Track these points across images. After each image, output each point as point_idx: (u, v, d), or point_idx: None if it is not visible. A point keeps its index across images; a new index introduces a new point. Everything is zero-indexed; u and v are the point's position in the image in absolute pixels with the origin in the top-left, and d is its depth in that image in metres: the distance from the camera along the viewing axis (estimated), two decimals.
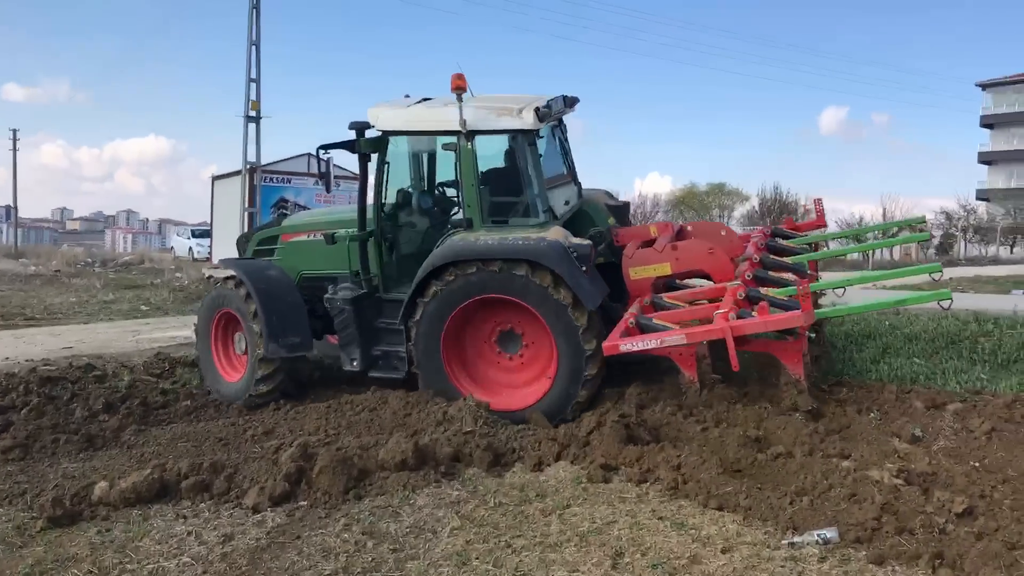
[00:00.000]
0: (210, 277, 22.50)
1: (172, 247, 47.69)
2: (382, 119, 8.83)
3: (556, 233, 8.22)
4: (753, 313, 7.45)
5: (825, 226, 10.78)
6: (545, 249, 8.02)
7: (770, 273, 8.66)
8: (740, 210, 69.36)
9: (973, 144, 76.40)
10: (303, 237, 9.88)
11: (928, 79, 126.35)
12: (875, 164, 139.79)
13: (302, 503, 6.14)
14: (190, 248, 42.18)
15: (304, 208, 27.40)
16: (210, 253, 31.03)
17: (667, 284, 8.90)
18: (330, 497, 6.20)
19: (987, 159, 79.30)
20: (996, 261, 38.43)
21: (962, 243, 47.90)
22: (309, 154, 27.07)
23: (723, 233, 9.77)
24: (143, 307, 19.85)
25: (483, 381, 8.63)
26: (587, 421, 7.32)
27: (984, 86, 79.93)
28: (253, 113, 21.36)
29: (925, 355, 9.84)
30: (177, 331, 14.88)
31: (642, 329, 7.77)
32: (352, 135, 8.84)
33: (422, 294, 8.42)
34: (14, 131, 60.49)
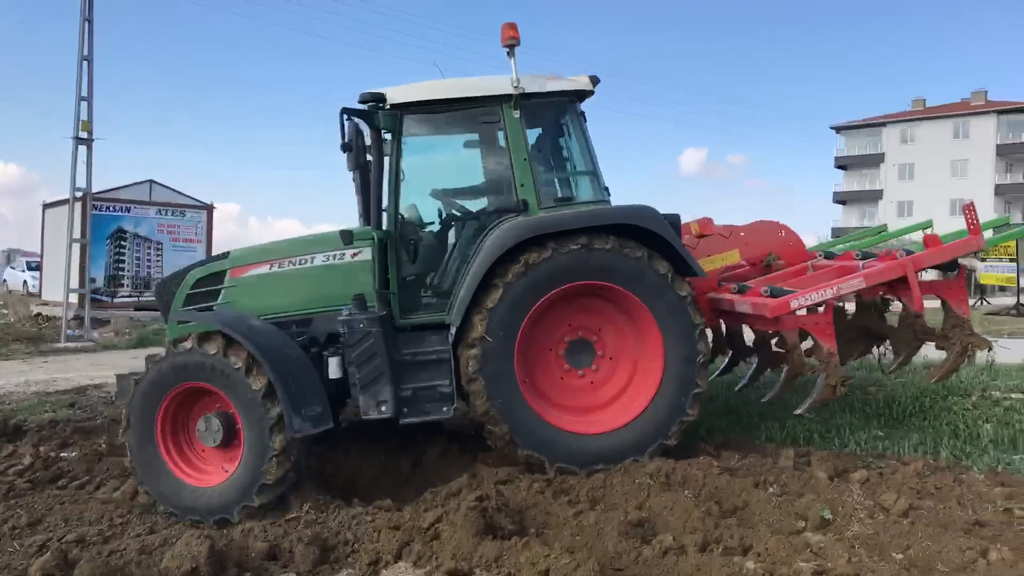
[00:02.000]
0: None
1: (4, 280, 43.81)
2: (398, 93, 7.11)
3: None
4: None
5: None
6: (644, 213, 7.00)
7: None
8: None
9: (829, 184, 79.68)
10: (263, 270, 7.46)
11: (783, 121, 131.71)
12: (734, 203, 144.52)
13: None
14: (24, 281, 38.67)
15: (146, 239, 25.29)
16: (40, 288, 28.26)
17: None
18: None
19: (841, 199, 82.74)
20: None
21: None
22: (152, 181, 25.06)
23: (782, 234, 8.90)
24: None
25: (560, 405, 7.19)
26: (435, 504, 6.00)
27: (838, 129, 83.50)
28: (84, 135, 19.18)
29: (814, 409, 8.92)
30: None
31: (776, 295, 7.00)
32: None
33: (485, 294, 6.80)
34: None
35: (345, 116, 6.99)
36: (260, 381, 6.32)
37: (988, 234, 8.58)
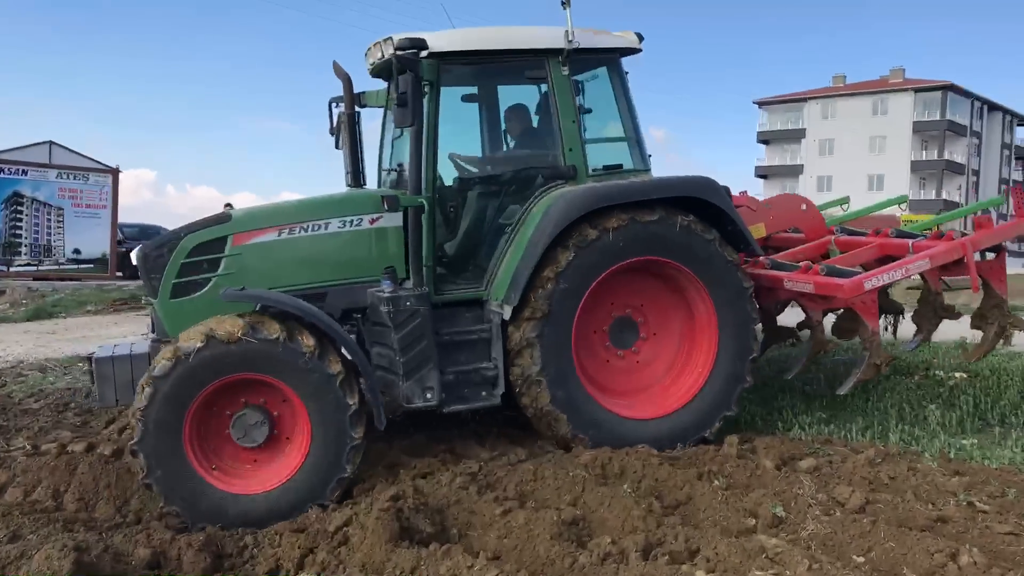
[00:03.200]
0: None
1: None
2: (438, 39, 6.36)
3: None
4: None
5: None
6: (710, 186, 6.73)
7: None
8: None
9: (751, 159, 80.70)
10: (271, 236, 6.32)
11: (705, 95, 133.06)
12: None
13: None
14: None
15: (45, 205, 23.77)
16: None
17: None
18: None
19: (763, 173, 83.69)
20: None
21: None
22: (51, 142, 23.55)
23: (804, 207, 8.99)
24: None
25: (615, 391, 6.84)
26: (345, 503, 5.33)
27: (761, 104, 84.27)
28: None
29: (752, 388, 8.43)
30: None
31: (834, 275, 6.90)
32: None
33: (541, 271, 6.26)
34: None
35: (396, 63, 6.00)
36: (336, 366, 5.57)
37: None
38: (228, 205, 19.67)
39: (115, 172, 24.81)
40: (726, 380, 6.79)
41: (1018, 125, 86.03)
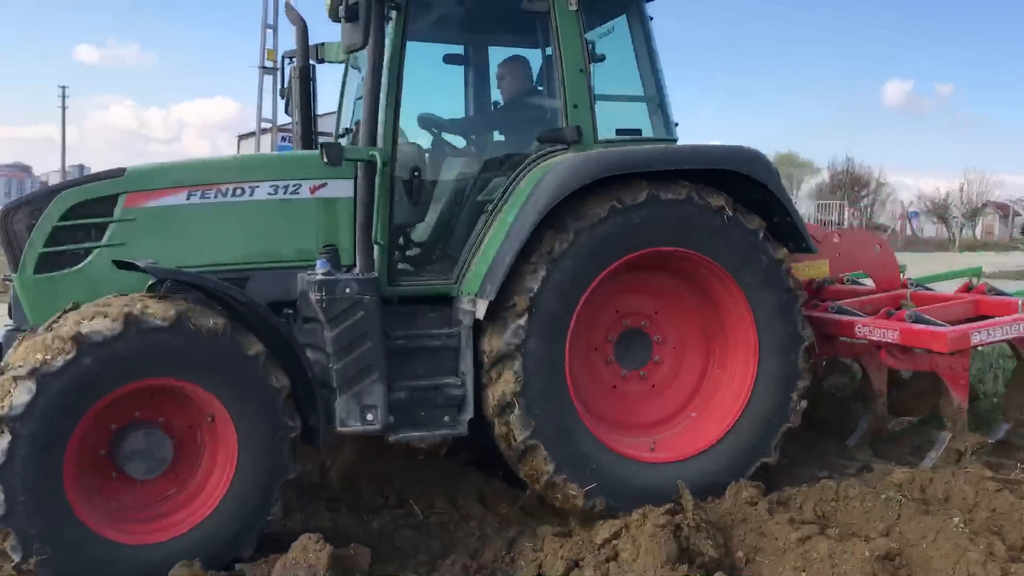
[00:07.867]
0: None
1: None
2: None
3: None
4: None
5: None
6: (757, 159, 5.27)
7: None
8: (808, 184, 66.79)
9: None
10: (178, 199, 4.88)
11: (996, 47, 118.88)
12: (941, 137, 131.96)
13: None
14: None
15: None
16: None
17: None
18: None
19: None
20: None
21: None
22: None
23: (878, 249, 7.26)
24: None
25: (623, 424, 5.48)
26: (614, 515, 4.74)
27: None
28: (270, 64, 18.93)
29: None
30: None
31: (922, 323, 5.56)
32: None
33: (530, 256, 4.87)
34: (63, 88, 61.75)
35: None
36: (282, 379, 4.45)
37: None
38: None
39: None
40: (766, 417, 5.36)
41: None
